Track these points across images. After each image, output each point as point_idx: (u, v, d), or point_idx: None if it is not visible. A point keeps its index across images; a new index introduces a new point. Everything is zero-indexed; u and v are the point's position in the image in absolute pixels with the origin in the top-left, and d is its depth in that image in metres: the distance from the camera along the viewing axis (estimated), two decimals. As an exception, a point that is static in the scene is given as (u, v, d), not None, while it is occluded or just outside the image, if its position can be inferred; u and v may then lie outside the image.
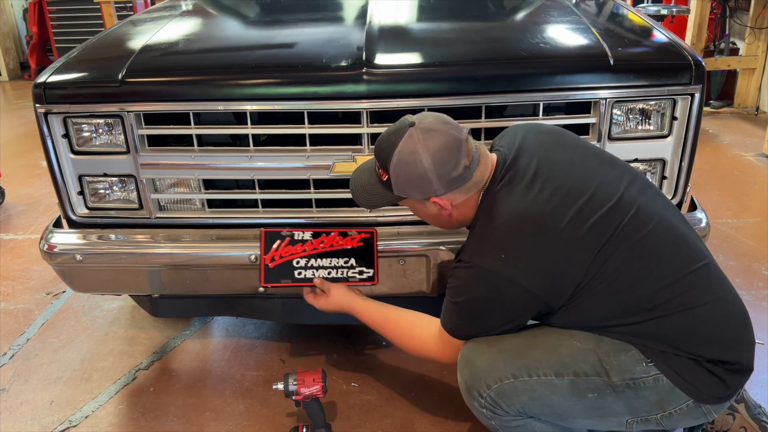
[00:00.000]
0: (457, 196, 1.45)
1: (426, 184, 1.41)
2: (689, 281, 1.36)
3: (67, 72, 1.87)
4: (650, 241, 1.36)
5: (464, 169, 1.40)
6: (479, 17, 2.30)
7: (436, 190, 1.41)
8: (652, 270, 1.35)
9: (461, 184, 1.42)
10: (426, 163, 1.38)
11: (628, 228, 1.36)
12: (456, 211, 1.48)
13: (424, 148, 1.38)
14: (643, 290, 1.35)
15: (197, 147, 1.86)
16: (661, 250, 1.37)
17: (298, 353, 2.33)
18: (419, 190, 1.43)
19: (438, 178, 1.39)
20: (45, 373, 2.28)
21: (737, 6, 5.07)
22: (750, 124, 4.79)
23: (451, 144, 1.39)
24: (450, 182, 1.41)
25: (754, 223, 3.23)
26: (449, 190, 1.42)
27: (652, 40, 2.01)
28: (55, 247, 1.89)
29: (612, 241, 1.34)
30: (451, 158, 1.39)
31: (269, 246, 1.81)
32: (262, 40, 2.17)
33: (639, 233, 1.36)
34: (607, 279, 1.34)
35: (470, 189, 1.44)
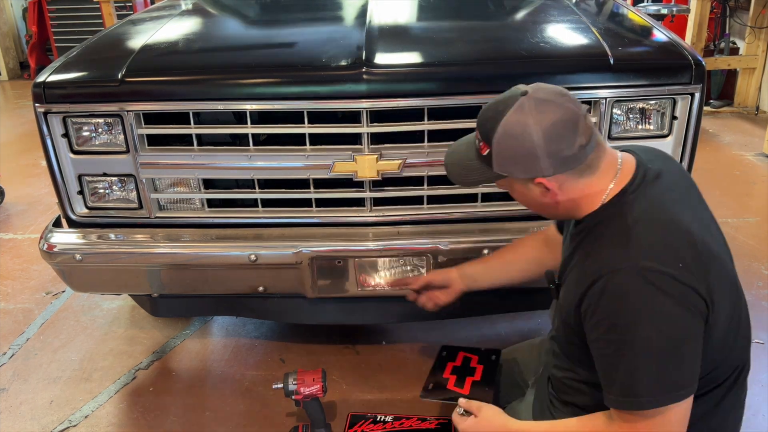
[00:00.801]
0: (567, 179, 1.23)
1: (532, 162, 1.21)
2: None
3: (67, 71, 1.87)
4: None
5: (579, 148, 1.20)
6: (479, 17, 2.30)
7: (543, 169, 1.21)
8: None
9: (574, 165, 1.22)
10: (536, 137, 1.20)
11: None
12: (564, 197, 1.26)
13: (536, 121, 1.20)
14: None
15: (197, 146, 1.85)
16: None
17: (298, 353, 2.33)
18: (524, 167, 1.23)
19: (548, 156, 1.20)
20: (45, 372, 2.28)
21: (737, 5, 5.06)
22: (750, 123, 4.79)
23: (567, 118, 1.20)
24: (561, 162, 1.21)
25: (754, 222, 3.23)
26: (559, 172, 1.22)
27: (652, 39, 2.01)
28: (54, 247, 1.88)
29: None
30: (566, 134, 1.20)
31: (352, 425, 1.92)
32: (262, 40, 2.17)
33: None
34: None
35: (583, 172, 1.24)
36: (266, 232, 1.89)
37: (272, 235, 1.88)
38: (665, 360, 1.13)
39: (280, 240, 1.86)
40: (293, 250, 1.82)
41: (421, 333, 2.41)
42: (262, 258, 1.83)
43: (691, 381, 1.15)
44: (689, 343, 1.15)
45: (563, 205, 1.29)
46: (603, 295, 1.17)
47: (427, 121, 1.78)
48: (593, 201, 1.27)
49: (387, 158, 1.79)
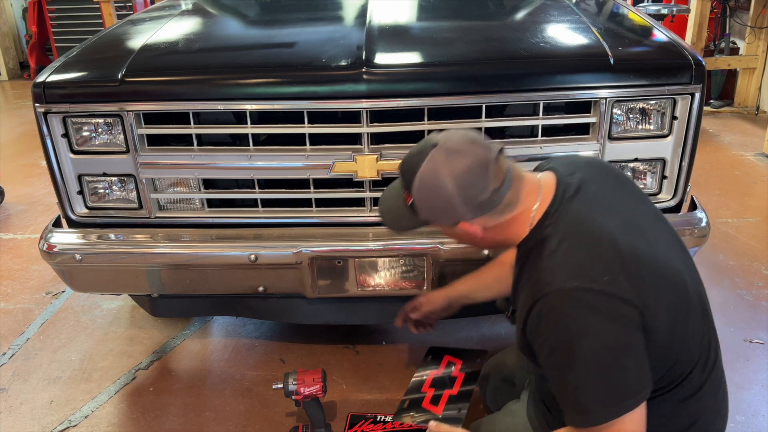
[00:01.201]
0: (488, 219, 1.29)
1: (451, 210, 1.27)
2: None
3: (67, 71, 1.87)
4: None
5: (493, 192, 1.26)
6: (479, 17, 2.30)
7: (462, 215, 1.27)
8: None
9: (491, 208, 1.27)
10: (449, 187, 1.25)
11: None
12: (490, 235, 1.33)
13: (447, 171, 1.25)
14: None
15: (197, 146, 1.85)
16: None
17: (298, 353, 2.33)
18: (444, 215, 1.30)
19: (464, 203, 1.26)
20: (44, 372, 2.28)
21: (737, 5, 5.06)
22: (750, 123, 4.79)
23: (477, 165, 1.25)
24: (477, 206, 1.26)
25: (754, 222, 3.23)
26: (478, 215, 1.28)
27: (653, 39, 2.01)
28: (54, 247, 1.88)
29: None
30: (478, 181, 1.25)
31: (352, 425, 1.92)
32: (262, 40, 2.17)
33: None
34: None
35: (503, 211, 1.29)
36: (266, 232, 1.89)
37: (272, 235, 1.88)
38: (608, 375, 1.16)
39: (280, 240, 1.86)
40: (293, 250, 1.82)
41: (421, 333, 2.41)
42: (262, 258, 1.83)
43: (638, 389, 1.17)
44: (628, 354, 1.17)
45: (493, 240, 1.35)
46: (539, 319, 1.20)
47: (427, 121, 1.78)
48: (521, 229, 1.32)
49: (387, 158, 1.79)
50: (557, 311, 1.18)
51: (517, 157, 1.82)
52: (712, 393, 1.32)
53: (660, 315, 1.19)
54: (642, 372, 1.18)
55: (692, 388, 1.29)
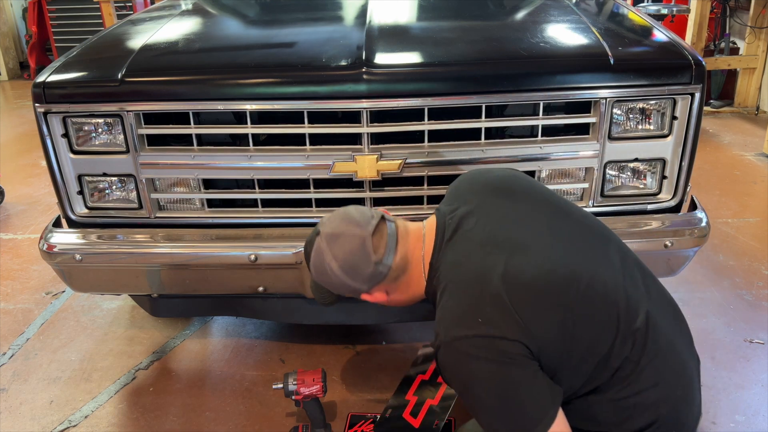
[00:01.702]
0: (386, 286, 1.41)
1: (348, 287, 1.40)
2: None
3: (67, 71, 1.87)
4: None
5: (375, 265, 1.36)
6: (479, 17, 2.30)
7: (358, 289, 1.40)
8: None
9: (381, 278, 1.38)
10: (336, 270, 1.37)
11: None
12: (396, 296, 1.44)
13: (330, 257, 1.37)
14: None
15: (197, 146, 1.85)
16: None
17: (298, 353, 2.33)
18: (348, 291, 1.42)
19: (354, 281, 1.37)
20: (44, 372, 2.28)
21: (737, 5, 5.06)
22: (750, 123, 4.79)
23: (355, 246, 1.36)
24: (367, 280, 1.38)
25: (754, 222, 3.23)
26: (373, 286, 1.39)
27: (653, 39, 2.01)
28: (54, 247, 1.88)
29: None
30: (358, 260, 1.36)
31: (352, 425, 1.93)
32: (262, 40, 2.17)
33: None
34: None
35: (397, 275, 1.39)
36: (266, 232, 1.89)
37: (272, 235, 1.88)
38: (506, 411, 1.22)
39: (280, 240, 1.86)
40: (293, 250, 1.82)
41: (421, 333, 2.41)
42: (262, 258, 1.83)
43: (541, 416, 1.20)
44: (520, 388, 1.21)
45: (401, 299, 1.45)
46: (442, 371, 1.29)
47: (427, 121, 1.78)
48: (420, 282, 1.41)
49: (387, 158, 1.79)
50: (447, 363, 1.25)
51: (517, 157, 1.82)
52: (651, 372, 1.29)
53: (547, 336, 1.23)
54: (542, 398, 1.22)
55: (624, 375, 1.27)
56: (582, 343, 1.25)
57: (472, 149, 1.81)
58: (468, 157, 1.81)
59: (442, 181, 1.85)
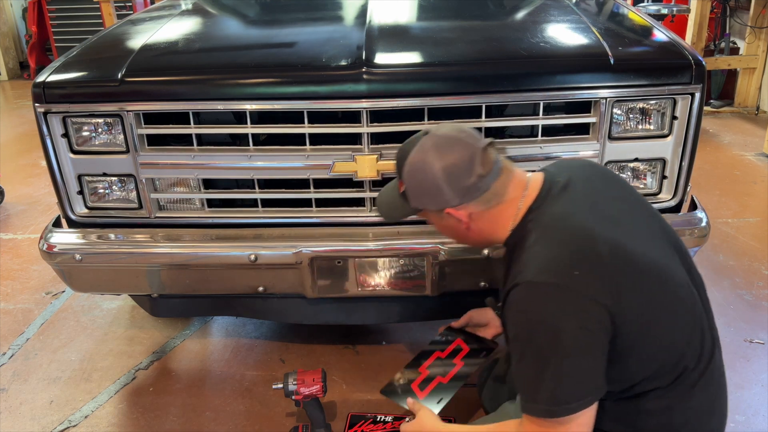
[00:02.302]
0: (474, 208, 1.34)
1: (438, 194, 1.33)
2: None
3: (67, 71, 1.87)
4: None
5: (478, 178, 1.30)
6: (479, 17, 2.30)
7: (448, 200, 1.32)
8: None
9: (476, 194, 1.32)
10: (436, 170, 1.31)
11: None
12: (476, 225, 1.37)
13: (435, 156, 1.32)
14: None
15: (197, 146, 1.85)
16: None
17: (298, 353, 2.33)
18: (432, 200, 1.35)
19: (449, 187, 1.31)
20: (44, 372, 2.28)
21: (737, 5, 5.06)
22: (750, 123, 4.79)
23: (463, 152, 1.31)
24: (463, 191, 1.31)
25: (754, 222, 3.23)
26: (464, 201, 1.32)
27: (653, 39, 2.01)
28: (54, 247, 1.88)
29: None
30: (464, 166, 1.30)
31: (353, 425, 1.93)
32: (262, 40, 2.17)
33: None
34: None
35: (490, 201, 1.33)
36: (266, 232, 1.89)
37: (272, 235, 1.88)
38: (551, 373, 1.17)
39: (280, 240, 1.86)
40: (293, 250, 1.82)
41: (421, 333, 2.41)
42: (262, 258, 1.83)
43: (580, 395, 1.17)
44: (586, 354, 1.17)
45: (478, 232, 1.38)
46: (508, 309, 1.25)
47: (427, 121, 1.78)
48: (506, 224, 1.35)
49: (387, 158, 1.79)
50: (523, 302, 1.21)
51: (516, 157, 1.82)
52: (705, 390, 1.31)
53: (635, 312, 1.20)
54: (597, 374, 1.19)
55: (683, 384, 1.28)
56: (662, 335, 1.25)
57: (472, 149, 1.81)
58: (468, 157, 1.81)
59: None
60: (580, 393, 1.18)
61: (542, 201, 1.32)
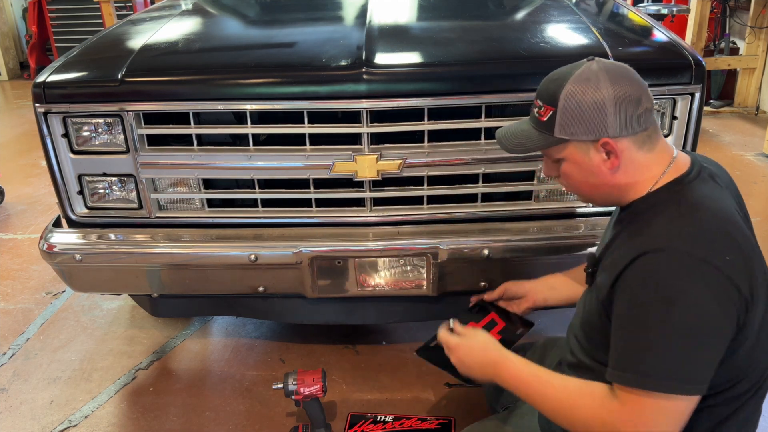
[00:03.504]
0: (628, 147, 1.23)
1: (600, 117, 1.21)
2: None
3: (67, 71, 1.87)
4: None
5: (646, 111, 1.22)
6: (479, 17, 2.30)
7: (609, 127, 1.21)
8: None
9: (638, 128, 1.22)
10: (605, 90, 1.21)
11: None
12: (623, 169, 1.25)
13: (606, 77, 1.22)
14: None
15: (197, 146, 1.85)
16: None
17: (298, 353, 2.33)
18: (590, 125, 1.22)
19: (616, 111, 1.20)
20: (45, 372, 2.28)
21: (737, 5, 5.06)
22: (750, 123, 4.79)
23: (634, 80, 1.24)
24: (628, 120, 1.21)
25: (754, 222, 3.21)
26: (623, 134, 1.22)
27: (652, 39, 2.01)
28: (54, 247, 1.88)
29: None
30: (634, 93, 1.22)
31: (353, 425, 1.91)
32: (262, 40, 2.17)
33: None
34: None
35: (643, 144, 1.24)
36: (266, 232, 1.89)
37: (272, 235, 1.88)
38: (682, 348, 1.11)
39: (280, 240, 1.86)
40: (293, 250, 1.82)
41: (421, 333, 2.41)
42: (262, 258, 1.83)
43: (701, 379, 1.12)
44: (712, 339, 1.12)
45: (618, 180, 1.27)
46: (641, 271, 1.15)
47: (427, 121, 1.78)
48: (643, 184, 1.26)
49: (387, 158, 1.79)
50: (665, 268, 1.13)
51: (517, 157, 1.81)
52: (756, 410, 1.29)
53: (757, 315, 1.17)
54: (712, 365, 1.13)
55: (744, 400, 1.25)
56: (760, 347, 1.22)
57: (472, 149, 1.81)
58: (468, 157, 1.81)
59: (442, 181, 1.85)
60: (703, 376, 1.12)
61: (694, 177, 1.25)
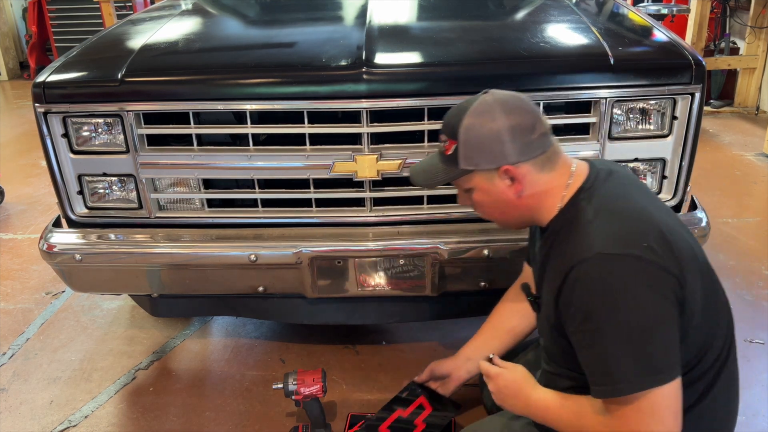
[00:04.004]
0: (529, 171, 1.29)
1: (498, 147, 1.27)
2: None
3: (67, 71, 1.87)
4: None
5: (541, 135, 1.28)
6: (479, 17, 2.30)
7: (508, 155, 1.27)
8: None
9: (536, 152, 1.28)
10: (500, 121, 1.27)
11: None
12: (527, 193, 1.31)
13: (500, 108, 1.28)
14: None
15: (197, 146, 1.85)
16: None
17: (298, 353, 2.33)
18: (490, 155, 1.28)
19: (512, 140, 1.26)
20: (44, 372, 2.28)
21: (737, 5, 5.06)
22: (750, 123, 4.79)
23: (527, 108, 1.30)
24: (525, 147, 1.27)
25: (754, 222, 3.23)
26: (522, 159, 1.27)
27: (653, 39, 2.01)
28: (54, 247, 1.88)
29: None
30: (528, 120, 1.28)
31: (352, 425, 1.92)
32: (262, 40, 2.17)
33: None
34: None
35: (544, 165, 1.30)
36: (266, 232, 1.89)
37: (272, 235, 1.88)
38: (638, 344, 1.14)
39: (280, 240, 1.86)
40: (293, 250, 1.82)
41: (421, 333, 2.41)
42: (262, 258, 1.83)
43: (668, 365, 1.14)
44: (662, 325, 1.15)
45: (526, 203, 1.33)
46: (574, 286, 1.19)
47: (427, 121, 1.78)
48: (552, 202, 1.32)
49: (387, 158, 1.79)
50: (595, 276, 1.16)
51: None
52: (732, 376, 1.32)
53: (696, 292, 1.19)
54: (673, 349, 1.16)
55: (709, 379, 1.27)
56: (707, 324, 1.25)
57: (472, 149, 1.81)
58: (468, 157, 1.81)
59: (442, 181, 1.85)
60: (670, 361, 1.15)
61: (593, 182, 1.30)
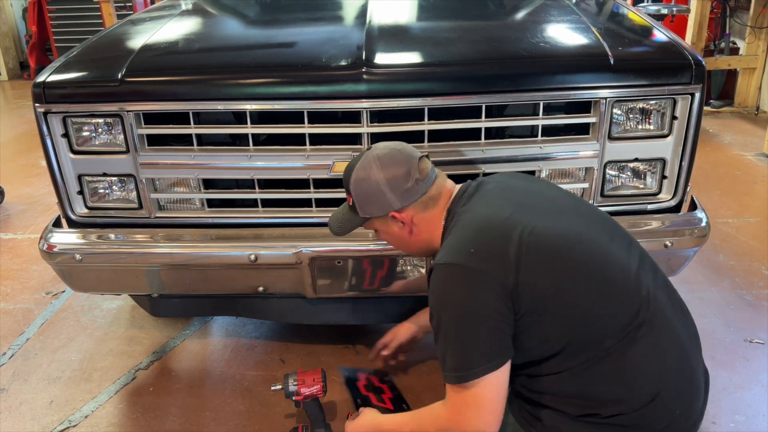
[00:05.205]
0: (415, 212, 1.49)
1: (382, 197, 1.48)
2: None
3: (67, 71, 1.87)
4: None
5: (416, 182, 1.47)
6: (479, 17, 2.30)
7: (392, 203, 1.47)
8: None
9: (415, 197, 1.47)
10: (378, 176, 1.47)
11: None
12: (417, 229, 1.51)
13: (377, 165, 1.48)
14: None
15: (197, 146, 1.85)
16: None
17: (298, 353, 2.33)
18: (377, 205, 1.49)
19: (391, 190, 1.46)
20: (44, 372, 2.28)
21: (737, 5, 5.06)
22: (750, 123, 4.79)
23: (401, 160, 1.48)
24: (403, 194, 1.47)
25: (754, 222, 3.23)
26: (405, 204, 1.47)
27: (653, 39, 2.01)
28: (54, 247, 1.88)
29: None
30: (402, 171, 1.46)
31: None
32: (262, 40, 2.17)
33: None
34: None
35: (427, 204, 1.49)
36: (266, 232, 1.89)
37: (272, 235, 1.88)
38: (461, 341, 1.31)
39: (280, 240, 1.86)
40: (293, 250, 1.82)
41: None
42: (262, 258, 1.83)
43: (491, 357, 1.29)
44: (481, 323, 1.30)
45: (419, 236, 1.52)
46: (429, 287, 1.39)
47: (427, 121, 1.78)
48: (439, 232, 1.50)
49: (387, 158, 1.79)
50: (432, 284, 1.37)
51: (517, 157, 1.82)
52: (649, 360, 1.33)
53: (536, 285, 1.30)
54: (496, 341, 1.31)
55: (620, 355, 1.31)
56: (577, 298, 1.32)
57: (472, 149, 1.81)
58: (468, 157, 1.81)
59: (442, 181, 1.85)
60: (481, 358, 1.29)
61: (455, 204, 1.48)
